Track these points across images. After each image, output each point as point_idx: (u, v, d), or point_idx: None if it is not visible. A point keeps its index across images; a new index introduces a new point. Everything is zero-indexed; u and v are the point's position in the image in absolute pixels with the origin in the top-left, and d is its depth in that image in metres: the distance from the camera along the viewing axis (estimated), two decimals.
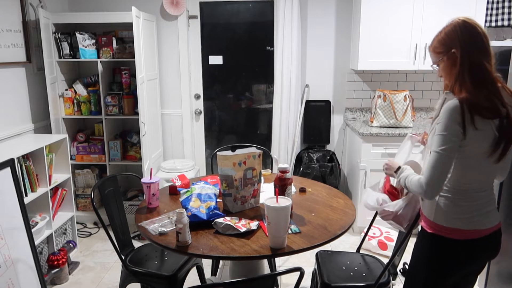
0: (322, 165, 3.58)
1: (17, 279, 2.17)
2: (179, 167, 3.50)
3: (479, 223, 1.46)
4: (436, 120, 1.44)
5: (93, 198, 2.09)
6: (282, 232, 1.57)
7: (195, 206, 1.81)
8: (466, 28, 1.41)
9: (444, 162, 1.37)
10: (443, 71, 1.49)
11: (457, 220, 1.46)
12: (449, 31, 1.44)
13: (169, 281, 2.00)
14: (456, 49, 1.40)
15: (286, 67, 3.58)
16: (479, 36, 1.40)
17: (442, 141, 1.37)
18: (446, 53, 1.44)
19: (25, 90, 3.14)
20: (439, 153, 1.37)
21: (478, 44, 1.40)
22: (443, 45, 1.45)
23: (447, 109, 1.36)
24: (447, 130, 1.36)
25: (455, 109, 1.35)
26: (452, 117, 1.35)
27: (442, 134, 1.37)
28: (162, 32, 3.73)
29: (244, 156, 1.87)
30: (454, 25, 1.43)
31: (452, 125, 1.35)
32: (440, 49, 1.46)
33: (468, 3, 3.17)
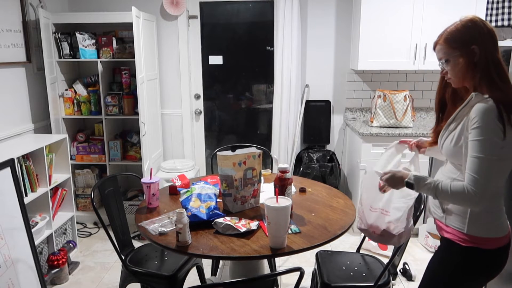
0: (322, 165, 3.58)
1: (17, 279, 2.17)
2: (179, 167, 3.50)
3: (507, 228, 1.42)
4: (468, 124, 1.32)
5: (93, 198, 2.09)
6: (282, 232, 1.57)
7: (195, 206, 1.81)
8: (485, 25, 1.35)
9: (494, 167, 1.27)
10: (456, 68, 1.38)
11: (492, 228, 1.39)
12: (469, 26, 1.35)
13: (169, 281, 2.00)
14: (478, 45, 1.33)
15: (286, 67, 3.58)
16: (494, 33, 1.36)
17: (487, 145, 1.26)
18: (464, 49, 1.35)
19: (25, 90, 3.14)
20: (487, 158, 1.26)
21: (495, 41, 1.36)
22: (461, 40, 1.35)
23: (483, 111, 1.27)
24: (490, 133, 1.26)
25: (492, 109, 1.27)
26: (490, 118, 1.26)
27: (484, 138, 1.26)
28: (162, 32, 3.73)
29: (244, 156, 1.87)
30: (474, 21, 1.35)
31: (493, 127, 1.26)
32: (456, 44, 1.36)
33: (468, 3, 3.17)
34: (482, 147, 1.27)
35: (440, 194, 1.33)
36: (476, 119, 1.28)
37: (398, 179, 1.45)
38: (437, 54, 1.44)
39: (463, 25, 1.36)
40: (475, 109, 1.29)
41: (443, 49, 1.40)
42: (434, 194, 1.35)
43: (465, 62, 1.36)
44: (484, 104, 1.28)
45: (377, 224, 1.69)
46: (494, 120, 1.26)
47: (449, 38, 1.38)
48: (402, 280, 2.78)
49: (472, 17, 1.37)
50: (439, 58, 1.43)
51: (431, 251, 3.10)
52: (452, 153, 1.40)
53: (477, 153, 1.27)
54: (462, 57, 1.36)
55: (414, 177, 1.39)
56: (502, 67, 1.34)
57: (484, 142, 1.27)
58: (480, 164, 1.27)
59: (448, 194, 1.32)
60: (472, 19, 1.36)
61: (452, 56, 1.38)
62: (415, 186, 1.39)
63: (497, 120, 1.26)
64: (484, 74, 1.33)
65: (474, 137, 1.28)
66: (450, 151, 1.41)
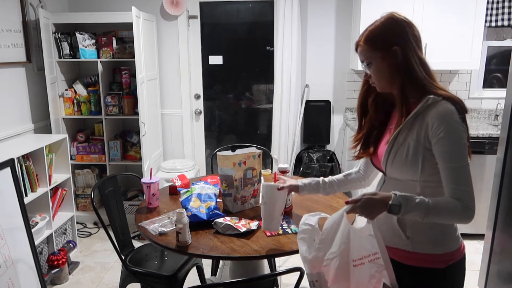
0: (322, 165, 3.58)
1: (17, 279, 2.17)
2: (179, 167, 3.50)
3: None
4: (427, 132, 1.18)
5: (93, 198, 2.09)
6: (277, 214, 1.53)
7: (195, 206, 1.81)
8: (406, 22, 1.26)
9: (470, 173, 1.16)
10: (379, 72, 1.26)
11: (458, 235, 1.29)
12: (389, 24, 1.25)
13: (169, 281, 2.00)
14: (399, 46, 1.22)
15: (286, 67, 3.58)
16: (415, 30, 1.27)
17: (461, 151, 1.15)
18: (385, 51, 1.23)
19: (25, 90, 3.14)
20: (465, 165, 1.15)
21: (418, 39, 1.26)
22: (382, 41, 1.24)
23: (446, 115, 1.15)
24: (460, 138, 1.15)
25: (453, 111, 1.16)
26: (455, 122, 1.15)
27: (458, 144, 1.15)
28: (162, 32, 3.73)
29: (244, 156, 1.87)
30: (394, 18, 1.26)
31: (460, 131, 1.15)
32: (377, 45, 1.24)
33: (468, 3, 3.17)
34: (458, 155, 1.14)
35: (431, 214, 1.13)
36: (442, 126, 1.14)
37: (378, 203, 1.16)
38: (359, 56, 1.30)
39: (383, 24, 1.26)
40: (436, 115, 1.16)
41: (363, 51, 1.27)
42: (425, 214, 1.13)
43: (387, 64, 1.23)
44: (444, 108, 1.16)
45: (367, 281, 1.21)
46: (459, 122, 1.15)
47: (369, 38, 1.26)
48: None
49: (391, 14, 1.27)
50: (361, 60, 1.29)
51: None
52: (407, 168, 1.23)
53: (455, 163, 1.14)
54: (383, 59, 1.23)
55: (401, 197, 1.14)
56: (428, 66, 1.24)
57: (458, 148, 1.15)
58: (463, 174, 1.14)
59: (444, 211, 1.14)
60: (392, 16, 1.26)
61: (373, 59, 1.25)
62: (402, 209, 1.13)
63: (462, 123, 1.16)
64: (412, 76, 1.21)
65: (446, 146, 1.15)
66: (404, 167, 1.23)
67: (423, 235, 1.25)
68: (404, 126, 1.23)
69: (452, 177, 1.15)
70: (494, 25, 3.39)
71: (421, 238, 1.25)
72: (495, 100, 3.65)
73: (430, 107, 1.18)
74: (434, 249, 1.24)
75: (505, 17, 3.34)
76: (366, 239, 1.20)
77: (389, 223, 1.28)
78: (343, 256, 1.22)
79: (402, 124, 1.23)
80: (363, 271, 1.20)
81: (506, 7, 3.32)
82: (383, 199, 1.16)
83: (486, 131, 3.17)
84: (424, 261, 1.25)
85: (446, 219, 1.18)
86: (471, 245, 3.22)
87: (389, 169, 1.29)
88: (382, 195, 1.17)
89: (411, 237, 1.26)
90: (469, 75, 3.66)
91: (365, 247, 1.20)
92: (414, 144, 1.21)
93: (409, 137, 1.22)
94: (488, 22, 3.38)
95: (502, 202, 2.36)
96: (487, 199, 2.51)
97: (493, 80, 3.71)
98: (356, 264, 1.21)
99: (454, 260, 1.26)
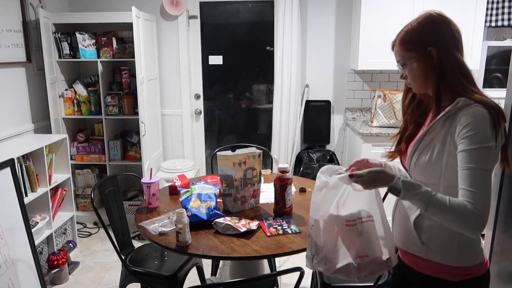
0: (322, 165, 3.58)
1: (17, 279, 2.17)
2: (179, 167, 3.50)
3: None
4: (455, 133, 1.14)
5: (93, 198, 2.09)
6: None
7: (195, 206, 1.81)
8: (445, 22, 1.22)
9: (490, 180, 1.09)
10: (413, 73, 1.24)
11: (480, 250, 1.21)
12: (425, 25, 1.21)
13: (169, 281, 2.00)
14: (435, 47, 1.18)
15: (286, 67, 3.58)
16: (456, 30, 1.22)
17: (483, 154, 1.08)
18: (420, 52, 1.20)
19: (25, 90, 3.14)
20: (484, 169, 1.08)
21: (457, 40, 1.21)
22: (417, 41, 1.21)
23: (478, 116, 1.10)
24: (487, 141, 1.08)
25: (486, 115, 1.10)
26: (486, 124, 1.09)
27: (481, 147, 1.08)
28: (162, 32, 3.73)
29: (244, 156, 1.87)
30: (432, 18, 1.22)
31: (490, 134, 1.09)
32: (412, 46, 1.22)
33: (468, 3, 3.17)
34: (478, 157, 1.08)
35: (433, 206, 1.08)
36: (471, 126, 1.09)
37: (382, 180, 1.15)
38: (395, 56, 1.28)
39: (419, 24, 1.22)
40: (468, 114, 1.11)
41: (399, 51, 1.25)
42: (426, 205, 1.08)
43: (422, 65, 1.20)
44: (475, 110, 1.11)
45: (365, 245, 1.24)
46: (490, 126, 1.09)
47: (404, 39, 1.23)
48: None
49: (429, 13, 1.23)
50: (397, 61, 1.27)
51: None
52: (429, 170, 1.20)
53: (473, 164, 1.08)
54: (418, 60, 1.21)
55: (403, 182, 1.11)
56: (466, 69, 1.19)
57: (480, 151, 1.08)
58: (479, 177, 1.07)
59: (447, 209, 1.06)
60: (430, 16, 1.22)
61: (408, 60, 1.23)
62: (401, 192, 1.11)
63: (492, 127, 1.09)
64: (447, 78, 1.18)
65: (467, 146, 1.09)
66: (426, 168, 1.20)
67: (439, 243, 1.20)
68: (432, 127, 1.20)
69: (467, 179, 1.08)
70: (494, 25, 3.39)
71: (436, 246, 1.21)
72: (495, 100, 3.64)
73: (461, 110, 1.14)
74: (448, 260, 1.19)
75: (505, 17, 3.34)
76: (363, 203, 1.24)
77: (406, 227, 1.26)
78: (339, 214, 1.24)
79: (430, 125, 1.21)
80: (353, 231, 1.24)
81: (506, 7, 3.32)
82: (386, 179, 1.14)
83: None
84: (437, 270, 1.21)
85: (449, 220, 1.08)
86: None
87: (412, 170, 1.26)
88: (386, 174, 1.15)
89: (426, 244, 1.22)
90: None
91: (360, 210, 1.24)
92: (439, 146, 1.17)
93: (436, 139, 1.18)
94: (488, 22, 3.38)
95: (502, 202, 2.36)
96: None
97: (493, 80, 3.71)
98: (348, 224, 1.24)
99: (470, 276, 1.18)
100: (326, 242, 1.25)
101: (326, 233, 1.26)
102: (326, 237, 1.26)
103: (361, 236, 1.24)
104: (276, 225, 1.77)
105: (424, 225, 1.22)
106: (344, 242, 1.25)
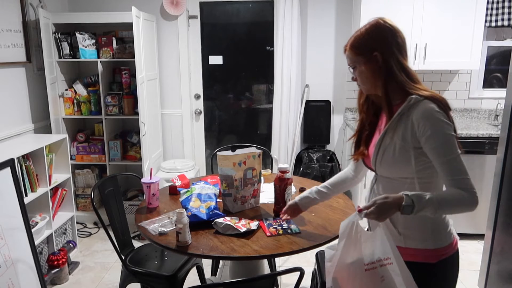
0: (322, 165, 3.58)
1: (17, 279, 2.17)
2: (179, 167, 3.50)
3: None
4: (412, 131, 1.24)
5: (93, 198, 2.09)
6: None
7: (195, 206, 1.81)
8: (390, 29, 1.30)
9: (463, 161, 1.20)
10: (362, 75, 1.34)
11: (450, 231, 1.33)
12: (372, 32, 1.31)
13: (169, 281, 2.00)
14: (380, 52, 1.28)
15: (286, 67, 3.58)
16: (399, 36, 1.31)
17: (451, 143, 1.19)
18: (367, 56, 1.31)
19: (25, 90, 3.14)
20: (458, 155, 1.19)
21: (400, 45, 1.30)
22: (364, 47, 1.31)
23: (429, 113, 1.21)
24: (447, 130, 1.20)
25: (435, 109, 1.21)
26: (440, 117, 1.21)
27: (446, 139, 1.19)
28: (162, 32, 3.73)
29: (244, 156, 1.87)
30: (378, 25, 1.31)
31: (446, 124, 1.21)
32: (360, 51, 1.32)
33: (468, 3, 3.17)
34: (449, 147, 1.19)
35: (443, 206, 1.17)
36: (428, 124, 1.20)
37: (391, 205, 1.18)
38: (346, 60, 1.40)
39: (367, 31, 1.32)
40: (420, 115, 1.22)
41: (349, 55, 1.37)
42: (436, 208, 1.17)
43: (369, 68, 1.31)
44: (426, 107, 1.22)
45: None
46: (442, 117, 1.21)
47: (353, 44, 1.34)
48: None
49: (377, 21, 1.32)
50: (348, 64, 1.39)
51: None
52: (395, 166, 1.29)
53: (448, 155, 1.19)
54: (365, 64, 1.32)
55: (414, 196, 1.17)
56: (410, 70, 1.30)
57: (447, 141, 1.19)
58: (458, 164, 1.19)
59: (453, 202, 1.17)
60: (376, 24, 1.32)
61: (357, 63, 1.34)
62: (415, 208, 1.16)
63: (445, 116, 1.21)
64: (393, 79, 1.28)
65: (435, 142, 1.20)
66: (392, 164, 1.29)
67: (415, 231, 1.30)
68: (389, 126, 1.30)
69: (449, 170, 1.19)
70: (494, 25, 3.39)
71: (413, 234, 1.30)
72: (495, 100, 3.65)
73: (413, 107, 1.25)
74: (425, 244, 1.29)
75: (505, 17, 3.34)
76: (376, 243, 1.23)
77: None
78: (355, 260, 1.24)
79: (388, 125, 1.30)
80: (374, 275, 1.22)
81: (506, 7, 3.32)
82: (395, 201, 1.18)
83: (486, 131, 3.17)
84: (416, 256, 1.29)
85: (456, 209, 1.19)
86: (471, 245, 3.23)
87: (379, 168, 1.35)
88: (393, 198, 1.19)
89: (403, 233, 1.31)
90: (469, 75, 3.66)
91: (375, 251, 1.22)
92: (400, 143, 1.27)
93: (395, 137, 1.28)
94: (488, 22, 3.38)
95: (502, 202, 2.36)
96: (487, 199, 2.51)
97: (493, 80, 3.71)
98: (367, 269, 1.23)
99: (445, 255, 1.30)
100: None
101: (347, 285, 1.26)
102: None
103: (384, 282, 1.21)
104: (276, 225, 1.77)
105: (399, 218, 1.31)
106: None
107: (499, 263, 2.38)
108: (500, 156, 2.35)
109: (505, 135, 2.30)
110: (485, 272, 2.47)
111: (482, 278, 2.50)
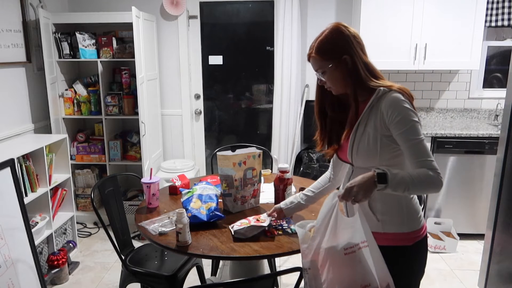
0: (322, 165, 3.58)
1: (17, 279, 2.17)
2: (179, 167, 3.50)
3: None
4: (382, 119, 1.33)
5: (93, 198, 2.09)
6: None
7: (195, 207, 1.81)
8: (349, 31, 1.39)
9: (427, 145, 1.30)
10: (334, 78, 1.40)
11: (421, 215, 1.44)
12: (336, 36, 1.38)
13: (169, 281, 2.00)
14: (348, 54, 1.36)
15: (286, 67, 3.58)
16: (358, 36, 1.41)
17: (416, 128, 1.29)
18: (337, 60, 1.37)
19: (25, 90, 3.14)
20: (422, 139, 1.28)
21: (362, 45, 1.42)
22: (332, 51, 1.38)
23: (395, 101, 1.30)
24: (412, 117, 1.29)
25: (400, 97, 1.31)
26: (405, 104, 1.30)
27: (412, 124, 1.28)
28: (162, 32, 3.73)
29: (244, 156, 1.87)
30: (339, 30, 1.38)
31: (411, 111, 1.30)
32: (328, 55, 1.38)
33: (468, 3, 3.17)
34: (414, 131, 1.28)
35: (413, 184, 1.22)
36: (396, 112, 1.30)
37: (368, 181, 1.23)
38: (312, 65, 1.44)
39: (331, 35, 1.38)
40: (389, 104, 1.31)
41: (317, 61, 1.41)
42: (408, 185, 1.22)
43: (341, 71, 1.38)
44: (393, 97, 1.32)
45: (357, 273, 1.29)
46: (408, 105, 1.30)
47: (320, 50, 1.39)
48: None
49: (337, 26, 1.39)
50: (315, 69, 1.43)
51: (431, 251, 3.10)
52: (370, 155, 1.37)
53: (414, 139, 1.27)
54: (337, 67, 1.38)
55: (383, 167, 1.25)
56: (373, 67, 1.42)
57: (413, 126, 1.28)
58: (423, 147, 1.27)
59: (421, 181, 1.23)
60: (337, 28, 1.39)
61: (327, 67, 1.39)
62: (388, 176, 1.22)
63: (410, 105, 1.31)
64: (361, 78, 1.38)
65: (402, 128, 1.29)
66: (367, 154, 1.37)
67: (392, 217, 1.39)
68: (362, 118, 1.39)
69: (415, 152, 1.27)
70: (494, 25, 3.39)
71: (390, 219, 1.39)
72: (495, 100, 3.65)
73: (382, 98, 1.35)
74: (402, 228, 1.39)
75: (505, 17, 3.34)
76: (355, 228, 1.29)
77: (363, 209, 1.38)
78: (334, 245, 1.29)
79: (360, 117, 1.39)
80: (354, 259, 1.28)
81: (506, 7, 3.32)
82: (366, 176, 1.24)
83: (486, 131, 3.17)
84: (394, 240, 1.39)
85: (425, 188, 1.27)
86: (471, 245, 3.22)
87: (355, 159, 1.42)
88: (362, 176, 1.25)
89: (381, 219, 1.39)
90: (469, 75, 3.66)
91: (354, 236, 1.29)
92: (373, 132, 1.36)
93: (367, 127, 1.37)
94: (488, 22, 3.38)
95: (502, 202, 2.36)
96: (487, 199, 2.51)
97: (493, 80, 3.71)
98: (347, 253, 1.28)
99: (419, 238, 1.41)
100: (327, 282, 1.30)
101: (326, 269, 1.30)
102: (326, 275, 1.30)
103: (360, 264, 1.28)
104: (276, 225, 1.77)
105: (377, 206, 1.40)
106: (346, 274, 1.28)
107: (499, 263, 2.38)
108: (500, 156, 2.35)
109: (505, 135, 2.30)
110: (485, 272, 2.47)
111: (482, 278, 2.50)
